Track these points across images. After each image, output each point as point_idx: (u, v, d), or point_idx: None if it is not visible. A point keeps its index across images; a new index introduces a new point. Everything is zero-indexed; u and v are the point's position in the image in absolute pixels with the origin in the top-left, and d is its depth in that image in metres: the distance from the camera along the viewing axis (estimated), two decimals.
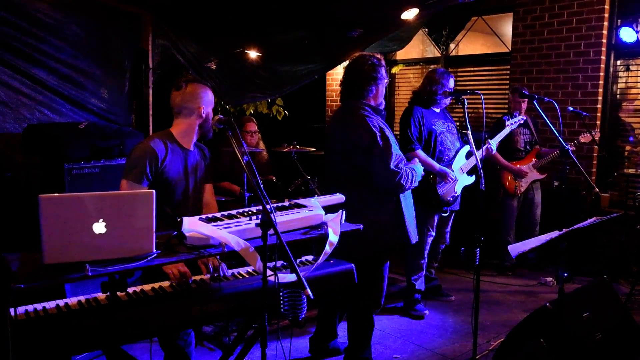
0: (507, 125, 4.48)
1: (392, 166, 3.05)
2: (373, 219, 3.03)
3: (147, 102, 4.62)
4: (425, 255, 4.36)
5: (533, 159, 5.32)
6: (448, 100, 4.31)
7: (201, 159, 2.87)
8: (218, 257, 2.45)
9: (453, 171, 4.19)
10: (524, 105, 5.19)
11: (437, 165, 4.13)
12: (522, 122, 4.60)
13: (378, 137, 3.07)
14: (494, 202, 5.47)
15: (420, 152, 4.11)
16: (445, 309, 4.50)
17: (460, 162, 4.28)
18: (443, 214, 4.32)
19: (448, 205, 4.27)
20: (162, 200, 2.12)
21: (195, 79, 2.87)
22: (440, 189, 4.17)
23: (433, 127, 4.20)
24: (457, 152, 4.29)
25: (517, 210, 5.38)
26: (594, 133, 5.04)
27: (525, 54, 6.18)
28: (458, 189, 4.27)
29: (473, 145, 3.32)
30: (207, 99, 2.78)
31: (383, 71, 3.24)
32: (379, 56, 3.27)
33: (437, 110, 4.31)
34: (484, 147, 4.27)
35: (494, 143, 4.34)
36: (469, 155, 4.30)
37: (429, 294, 4.66)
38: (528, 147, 5.36)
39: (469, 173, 4.31)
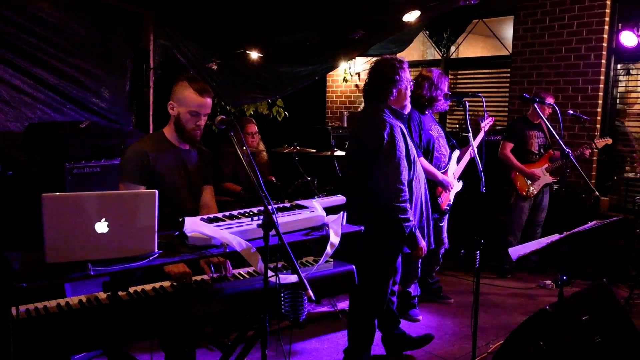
0: (482, 127, 4.25)
1: (395, 183, 2.97)
2: (369, 230, 2.86)
3: (148, 102, 4.63)
4: (419, 264, 4.21)
5: (546, 163, 5.32)
6: (446, 105, 4.14)
7: (199, 159, 2.83)
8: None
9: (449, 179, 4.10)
10: (543, 112, 5.12)
11: (440, 175, 4.01)
12: (491, 123, 4.44)
13: (384, 142, 2.99)
14: (505, 204, 5.45)
15: (422, 159, 3.92)
16: (444, 311, 4.50)
17: (453, 168, 4.18)
18: (440, 223, 4.18)
19: (444, 214, 4.16)
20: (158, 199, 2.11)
21: (187, 77, 2.70)
22: (439, 199, 4.07)
23: (430, 132, 4.05)
24: (449, 157, 4.18)
25: (527, 213, 5.37)
26: (598, 140, 5.07)
27: (526, 57, 6.19)
28: (452, 197, 4.18)
29: (474, 147, 3.30)
30: (179, 96, 2.64)
31: (404, 74, 3.19)
32: (401, 59, 3.23)
33: (427, 114, 4.14)
34: (469, 150, 4.15)
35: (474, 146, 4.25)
36: (458, 160, 4.22)
37: (428, 296, 4.65)
38: (542, 151, 5.35)
39: (458, 178, 4.22)
